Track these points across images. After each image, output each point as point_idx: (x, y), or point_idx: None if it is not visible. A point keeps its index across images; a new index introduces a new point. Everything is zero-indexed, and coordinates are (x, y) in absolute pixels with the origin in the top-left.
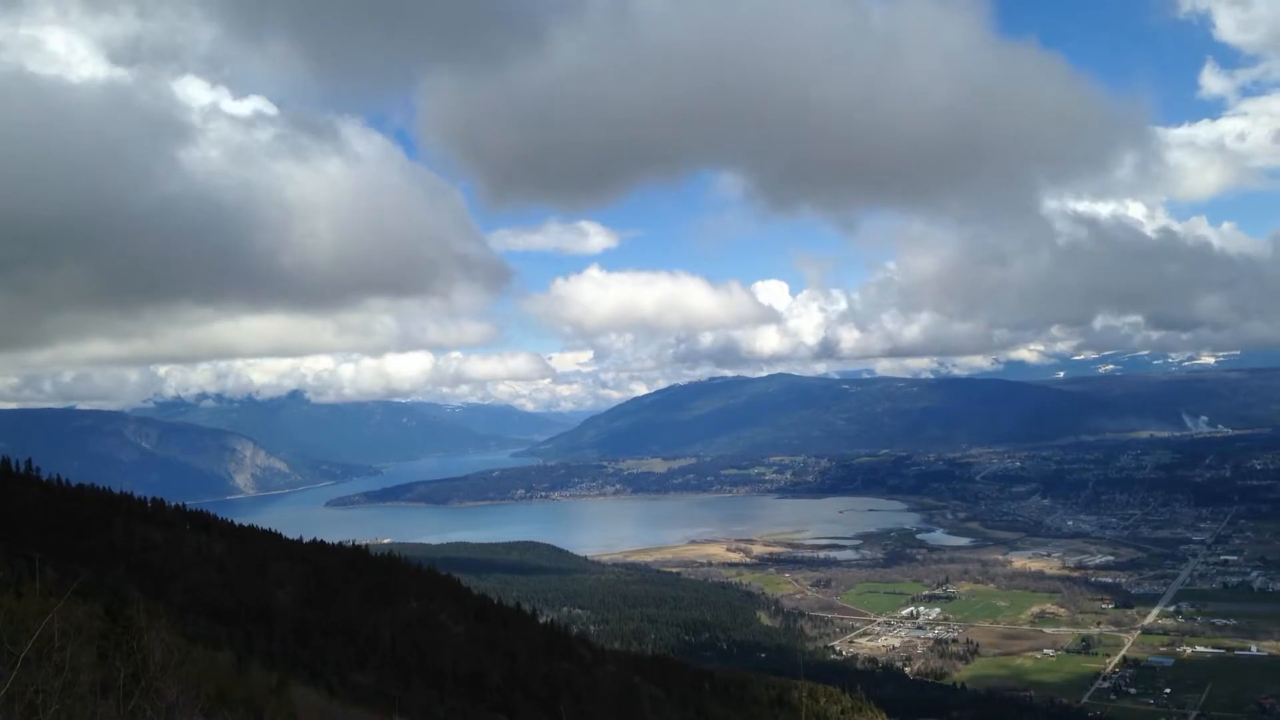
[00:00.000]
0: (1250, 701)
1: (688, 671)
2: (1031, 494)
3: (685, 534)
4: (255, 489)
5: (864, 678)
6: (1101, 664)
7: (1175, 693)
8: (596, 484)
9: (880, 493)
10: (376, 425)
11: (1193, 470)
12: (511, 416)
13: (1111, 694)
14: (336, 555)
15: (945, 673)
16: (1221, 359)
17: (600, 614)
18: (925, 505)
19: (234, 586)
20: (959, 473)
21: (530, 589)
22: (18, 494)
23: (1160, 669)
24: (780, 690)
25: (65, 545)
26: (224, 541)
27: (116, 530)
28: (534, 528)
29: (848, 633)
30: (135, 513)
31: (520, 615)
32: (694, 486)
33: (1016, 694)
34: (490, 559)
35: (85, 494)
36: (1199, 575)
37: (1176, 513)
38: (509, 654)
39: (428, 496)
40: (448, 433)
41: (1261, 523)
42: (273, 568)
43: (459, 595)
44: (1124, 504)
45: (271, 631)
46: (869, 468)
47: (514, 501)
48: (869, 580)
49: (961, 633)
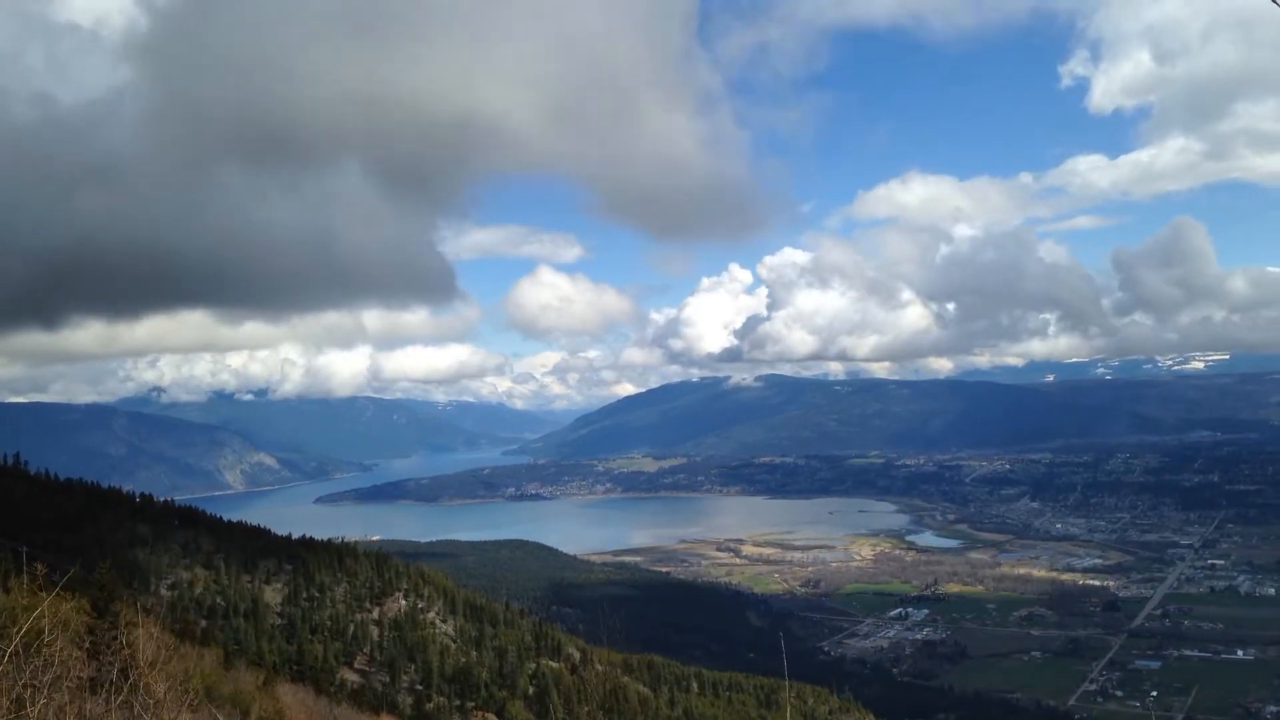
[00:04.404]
0: (1236, 705)
1: (676, 671)
2: (1020, 497)
3: (675, 533)
4: (244, 485)
5: (852, 678)
6: (1088, 666)
7: (1162, 695)
8: (587, 483)
9: (870, 494)
10: (367, 422)
11: (1181, 475)
12: (502, 414)
13: (1098, 696)
14: (325, 552)
15: (933, 674)
16: (1210, 364)
17: (589, 613)
18: (915, 507)
19: (222, 583)
20: (948, 475)
21: (519, 588)
22: (5, 488)
23: (1147, 672)
24: (769, 690)
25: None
26: (212, 537)
27: (104, 525)
28: (523, 526)
29: (837, 633)
30: (124, 507)
31: (509, 614)
32: (684, 486)
33: (1004, 696)
34: (479, 557)
35: (73, 488)
36: (1186, 579)
37: (1164, 517)
38: (497, 652)
39: (417, 494)
40: (438, 430)
41: (1249, 527)
42: (261, 564)
43: (447, 593)
44: (1112, 507)
45: (259, 628)
46: (859, 469)
47: (504, 500)
48: (858, 581)
49: (950, 634)
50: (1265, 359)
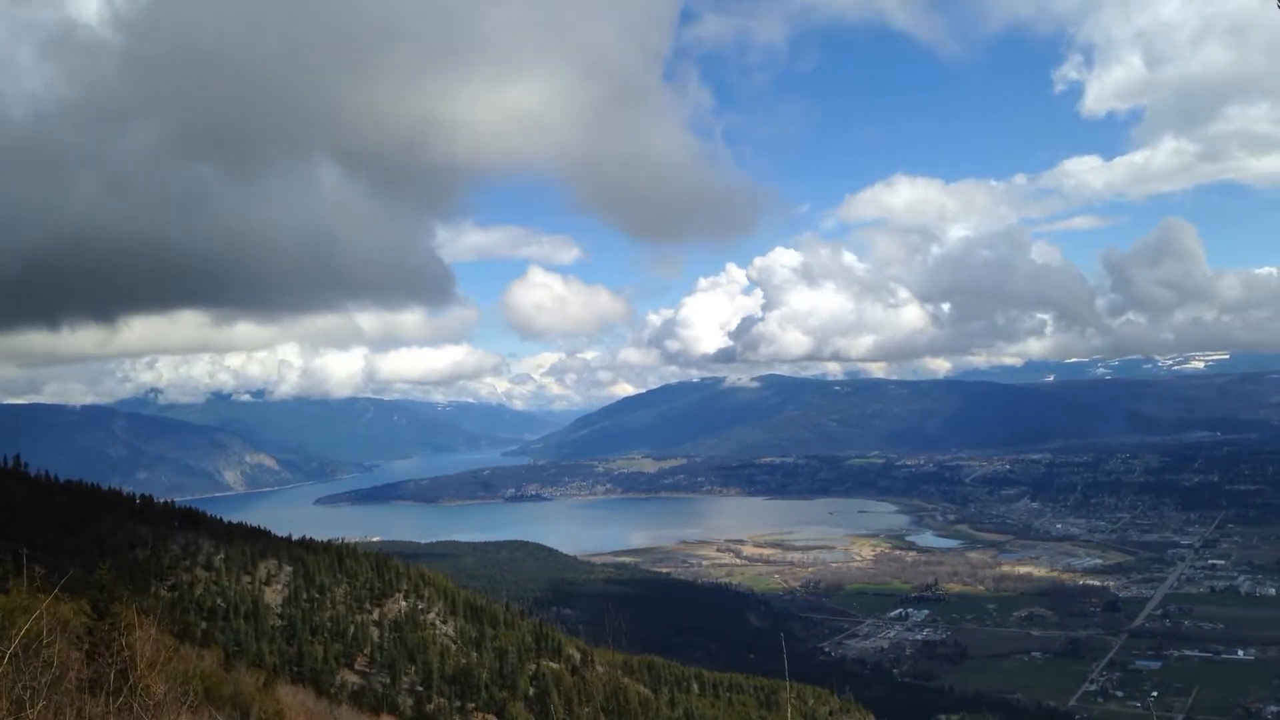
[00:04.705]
0: (1236, 705)
1: (676, 672)
2: (1020, 497)
3: (675, 534)
4: (244, 486)
5: (853, 679)
6: (1089, 667)
7: (1162, 696)
8: (587, 484)
9: (870, 494)
10: (367, 423)
11: (1181, 475)
12: (502, 415)
13: (1099, 697)
14: (325, 553)
15: (934, 674)
16: (1210, 364)
17: (589, 614)
18: (915, 507)
19: (222, 584)
20: (949, 475)
21: (519, 588)
22: (6, 489)
23: (1147, 672)
24: (769, 691)
25: (53, 541)
26: (212, 539)
27: (104, 526)
28: (524, 527)
29: (837, 634)
30: (123, 509)
31: (509, 615)
32: (684, 486)
33: (1004, 696)
34: (480, 558)
35: (73, 490)
36: (1186, 579)
37: (1165, 517)
38: (498, 653)
39: (417, 495)
40: (438, 431)
41: (1249, 527)
42: (261, 565)
43: (448, 594)
44: (1112, 508)
45: (259, 629)
46: (859, 469)
47: (504, 500)
48: (858, 582)
49: (950, 635)
50: (1265, 359)
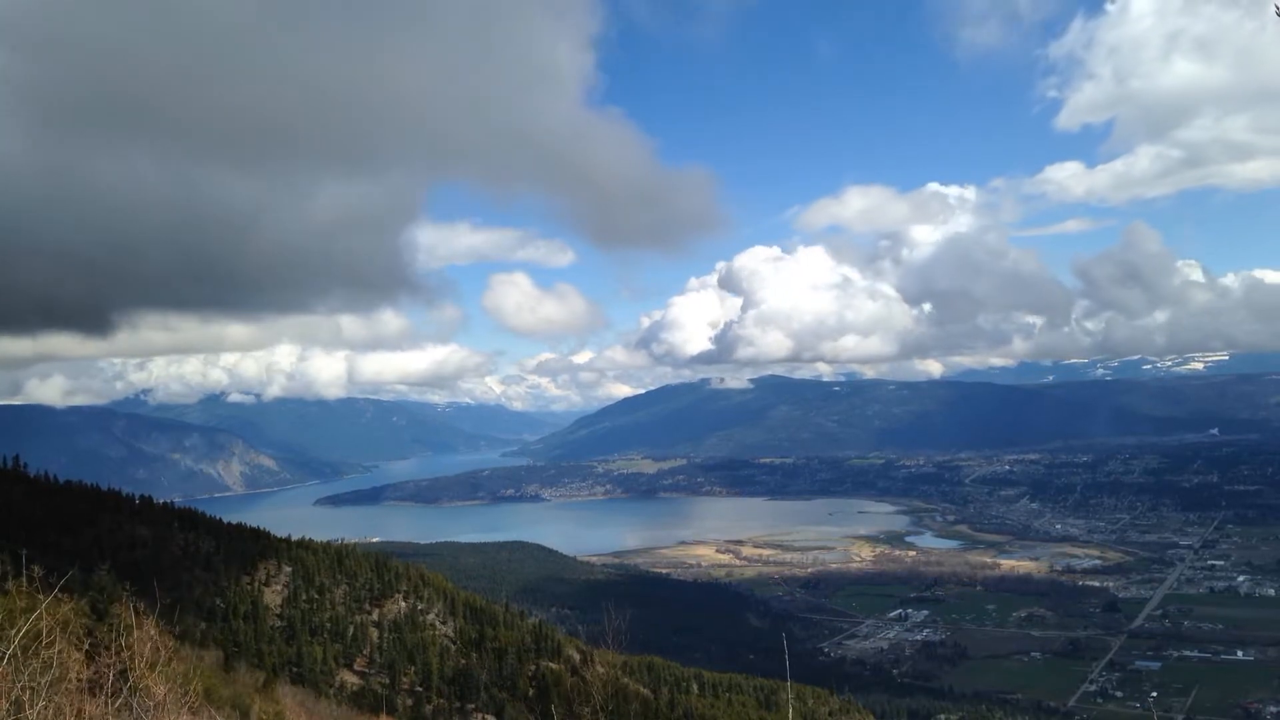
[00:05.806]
0: (1236, 706)
1: (676, 672)
2: (1020, 497)
3: (675, 535)
4: (244, 487)
5: (852, 680)
6: (1088, 667)
7: (1161, 696)
8: (586, 484)
9: (869, 495)
10: (366, 424)
11: (1180, 475)
12: (501, 416)
13: (1098, 697)
14: (324, 554)
15: (933, 675)
16: (1210, 364)
17: (589, 614)
18: (914, 508)
19: (221, 585)
20: (948, 476)
21: (519, 589)
22: (5, 490)
23: (1147, 672)
24: (769, 691)
25: (52, 542)
26: (212, 539)
27: (103, 527)
28: (523, 528)
29: (836, 634)
30: (123, 509)
31: (508, 615)
32: (684, 487)
33: (1004, 696)
34: (479, 559)
35: (72, 490)
36: (1186, 580)
37: (1164, 517)
38: (497, 654)
39: (417, 496)
40: (438, 432)
41: (1248, 528)
42: (260, 566)
43: (447, 595)
44: (1112, 508)
45: (259, 630)
46: (858, 470)
47: (503, 501)
48: (857, 582)
49: (949, 635)
50: (1265, 359)
